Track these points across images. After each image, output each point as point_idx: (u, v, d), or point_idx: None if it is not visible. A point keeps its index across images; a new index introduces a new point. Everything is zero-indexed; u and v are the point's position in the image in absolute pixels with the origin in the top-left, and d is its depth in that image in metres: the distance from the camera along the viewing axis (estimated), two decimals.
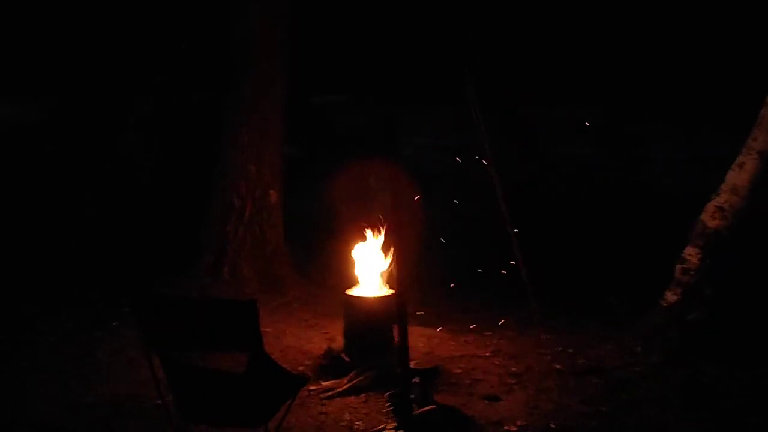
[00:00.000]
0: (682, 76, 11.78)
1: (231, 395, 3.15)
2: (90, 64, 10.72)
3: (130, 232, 7.08)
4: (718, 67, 11.55)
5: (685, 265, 5.00)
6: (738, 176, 4.95)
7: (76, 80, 10.97)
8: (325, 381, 4.32)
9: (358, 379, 4.27)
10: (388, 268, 4.63)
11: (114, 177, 5.42)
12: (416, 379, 4.01)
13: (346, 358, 4.48)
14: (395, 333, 4.02)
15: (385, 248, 4.68)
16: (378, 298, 4.60)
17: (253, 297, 4.36)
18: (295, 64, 6.28)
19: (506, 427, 3.90)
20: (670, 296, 5.02)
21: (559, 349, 4.97)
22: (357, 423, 3.92)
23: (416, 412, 3.82)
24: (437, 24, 4.65)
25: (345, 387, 4.24)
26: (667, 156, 11.54)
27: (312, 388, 4.22)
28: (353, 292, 4.67)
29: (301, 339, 5.08)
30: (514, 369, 4.65)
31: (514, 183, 5.45)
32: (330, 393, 4.20)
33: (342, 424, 3.92)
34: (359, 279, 4.73)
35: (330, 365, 4.52)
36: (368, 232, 4.74)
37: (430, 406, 3.93)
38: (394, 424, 3.85)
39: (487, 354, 4.90)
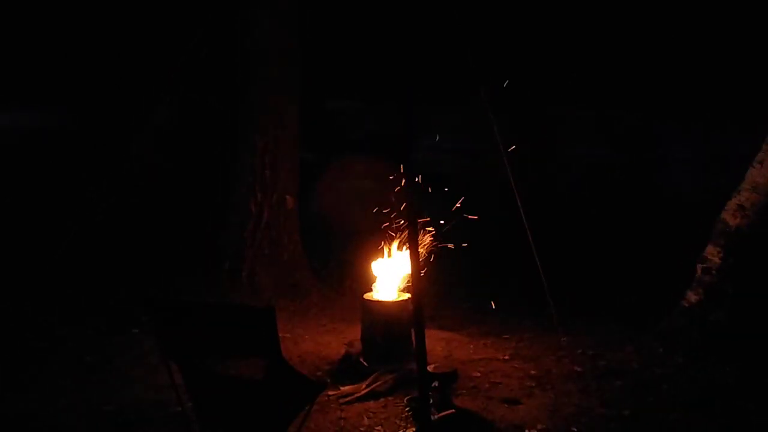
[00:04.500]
0: (698, 76, 11.67)
1: (249, 402, 3.14)
2: (108, 72, 10.84)
3: (143, 235, 7.09)
4: (733, 66, 11.43)
5: (706, 265, 4.94)
6: (759, 173, 4.88)
7: (95, 88, 11.09)
8: (343, 386, 4.31)
9: (376, 384, 4.26)
10: (406, 273, 4.61)
11: (115, 177, 5.37)
12: (435, 384, 3.99)
13: (365, 363, 4.47)
14: (413, 337, 4.00)
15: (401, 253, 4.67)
16: (396, 302, 4.58)
17: (270, 303, 4.37)
18: (310, 69, 6.28)
19: (527, 431, 3.87)
20: (692, 296, 4.97)
21: (579, 351, 4.93)
22: (376, 428, 3.90)
23: (435, 416, 3.80)
24: (451, 24, 4.61)
25: (364, 392, 4.22)
26: (683, 156, 11.43)
27: (331, 393, 4.21)
28: (371, 296, 4.66)
29: (319, 344, 5.08)
30: (533, 372, 4.61)
31: (529, 184, 5.43)
32: (349, 398, 4.19)
33: (361, 429, 3.90)
34: (377, 283, 4.72)
35: (348, 370, 4.51)
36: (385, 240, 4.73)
37: (450, 411, 3.92)
38: (414, 429, 3.84)
39: (506, 357, 4.86)
